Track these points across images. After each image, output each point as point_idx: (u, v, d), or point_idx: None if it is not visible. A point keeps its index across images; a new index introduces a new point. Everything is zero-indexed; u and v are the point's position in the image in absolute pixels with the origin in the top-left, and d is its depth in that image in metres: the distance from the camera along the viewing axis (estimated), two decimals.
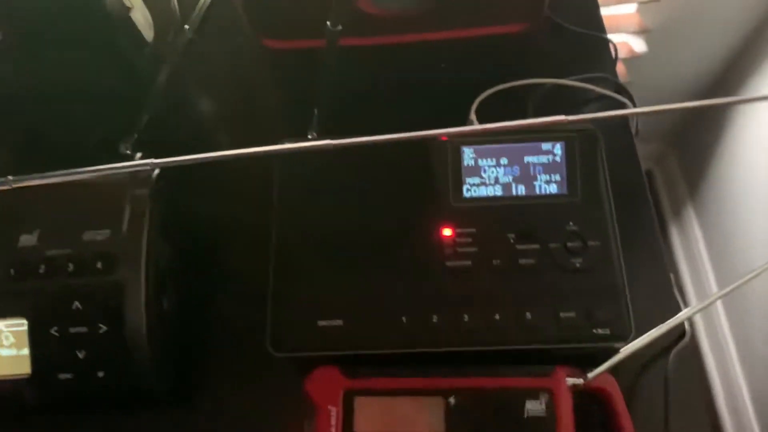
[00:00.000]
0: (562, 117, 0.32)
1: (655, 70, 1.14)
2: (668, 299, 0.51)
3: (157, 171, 0.48)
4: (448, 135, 0.46)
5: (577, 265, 0.44)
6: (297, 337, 0.43)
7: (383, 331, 0.43)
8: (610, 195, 0.46)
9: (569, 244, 0.44)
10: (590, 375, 0.42)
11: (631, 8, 1.03)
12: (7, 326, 0.45)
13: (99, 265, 0.45)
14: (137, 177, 0.48)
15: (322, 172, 0.47)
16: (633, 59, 1.09)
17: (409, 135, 0.33)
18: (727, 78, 1.19)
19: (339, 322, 0.43)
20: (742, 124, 1.17)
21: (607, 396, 0.43)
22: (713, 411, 1.24)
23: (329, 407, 0.41)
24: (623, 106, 0.59)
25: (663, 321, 0.46)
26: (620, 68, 1.03)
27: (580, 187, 0.46)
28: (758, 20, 1.07)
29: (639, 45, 1.10)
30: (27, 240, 0.46)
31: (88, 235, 0.45)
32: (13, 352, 0.45)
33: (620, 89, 0.58)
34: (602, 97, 0.58)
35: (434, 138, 0.47)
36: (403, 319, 0.43)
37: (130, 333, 0.44)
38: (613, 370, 0.44)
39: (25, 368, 0.44)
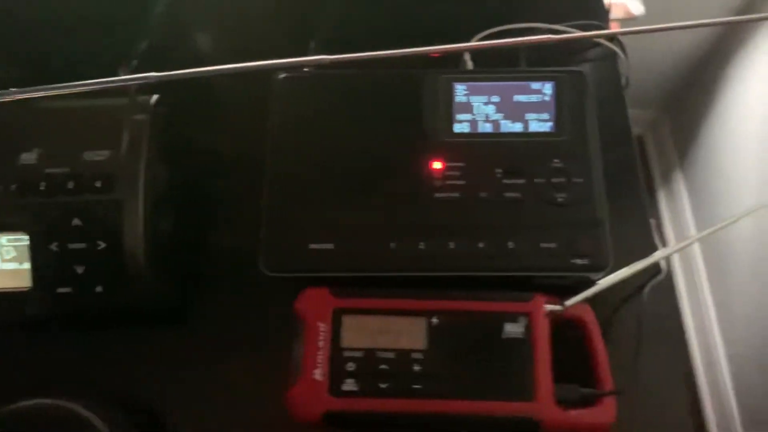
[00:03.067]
0: (548, 36, 0.34)
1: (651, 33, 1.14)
2: (647, 242, 0.53)
3: (156, 97, 0.50)
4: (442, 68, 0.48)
5: (560, 199, 0.46)
6: (289, 258, 0.45)
7: (372, 256, 0.45)
8: (597, 135, 0.48)
9: (554, 180, 0.46)
10: (567, 303, 0.45)
11: None
12: (9, 240, 0.47)
13: (98, 183, 0.46)
14: (137, 102, 0.49)
15: (316, 101, 0.49)
16: (629, 21, 1.10)
17: (405, 51, 0.34)
18: (725, 43, 1.19)
19: (330, 246, 0.45)
20: (734, 93, 1.18)
21: (582, 324, 0.45)
22: (685, 348, 1.29)
23: (318, 324, 0.43)
24: (615, 54, 0.60)
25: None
26: (615, 28, 1.04)
27: (568, 126, 0.47)
28: None
29: (636, 7, 1.10)
30: (27, 158, 0.47)
31: (88, 155, 0.47)
32: (14, 265, 0.47)
33: (613, 39, 0.59)
34: (594, 46, 0.59)
35: (428, 73, 0.48)
36: (392, 244, 0.45)
37: (128, 249, 0.45)
38: (591, 303, 0.46)
39: (25, 282, 0.46)
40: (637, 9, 1.10)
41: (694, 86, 1.31)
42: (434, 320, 0.44)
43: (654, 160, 1.50)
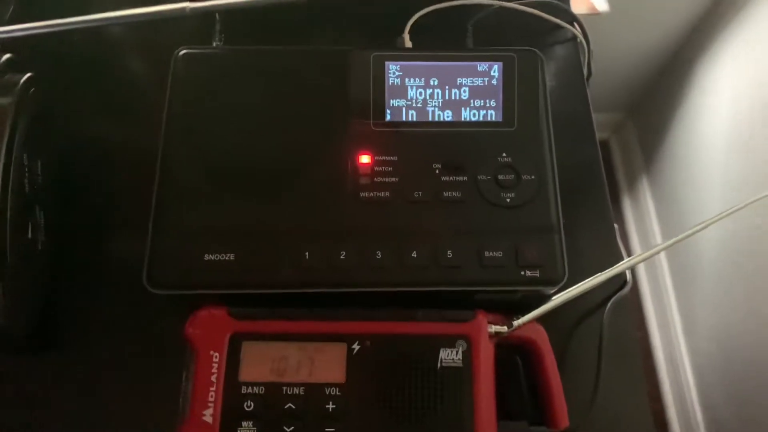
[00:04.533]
0: None
1: (616, 31, 1.09)
2: (611, 249, 0.47)
3: (26, 76, 0.41)
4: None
5: (508, 200, 0.39)
6: (179, 271, 0.37)
7: (281, 268, 0.37)
8: (551, 126, 0.41)
9: (500, 177, 0.39)
10: (516, 322, 0.37)
11: None
12: None
13: None
14: (2, 82, 0.40)
15: (222, 82, 0.40)
16: (594, 17, 1.04)
17: None
18: (690, 44, 1.15)
19: (230, 256, 0.37)
20: (700, 95, 1.14)
21: (533, 347, 0.38)
22: (651, 366, 1.24)
23: (211, 352, 0.35)
24: (575, 39, 0.53)
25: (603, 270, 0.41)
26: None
27: (517, 116, 0.40)
28: None
29: (601, 3, 1.05)
30: None
31: None
32: None
33: (573, 19, 0.53)
34: (553, 28, 0.53)
35: (355, 50, 0.41)
36: (306, 254, 0.37)
37: None
38: (545, 322, 0.39)
39: None
40: (602, 5, 1.05)
41: (660, 88, 1.27)
42: (355, 347, 0.36)
43: (619, 164, 1.45)
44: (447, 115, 0.40)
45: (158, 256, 0.37)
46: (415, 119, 0.40)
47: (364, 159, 0.39)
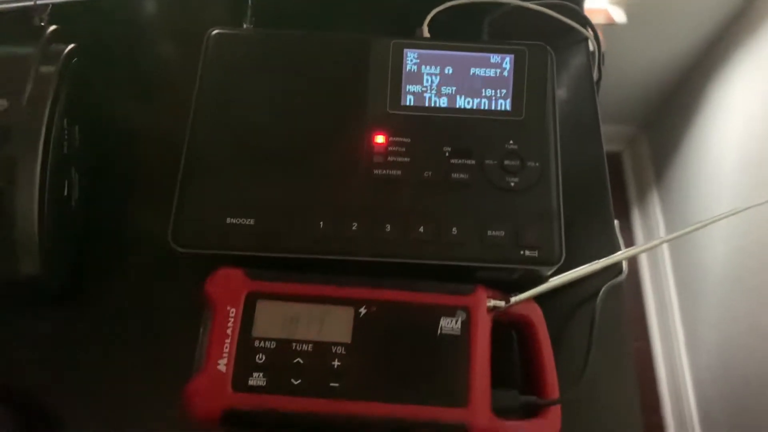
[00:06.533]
0: None
1: (632, 42, 1.12)
2: (611, 243, 0.49)
3: (71, 46, 0.44)
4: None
5: (512, 184, 0.41)
6: (202, 233, 0.40)
7: (297, 235, 0.40)
8: (556, 118, 0.43)
9: (506, 163, 0.41)
10: (513, 299, 0.40)
11: None
12: None
13: None
14: (48, 52, 0.44)
15: (249, 62, 0.43)
16: (611, 28, 1.07)
17: None
18: (706, 60, 1.17)
19: (250, 221, 0.40)
20: (713, 112, 1.15)
21: (529, 324, 0.40)
22: (652, 378, 1.25)
23: (228, 308, 0.38)
24: (586, 41, 0.56)
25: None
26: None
27: (525, 106, 0.43)
28: (740, 3, 1.05)
29: (618, 15, 1.07)
30: None
31: None
32: None
33: (586, 22, 0.55)
34: (568, 31, 0.55)
35: (376, 37, 0.44)
36: (321, 223, 0.40)
37: (20, 215, 0.40)
38: (542, 306, 0.41)
39: None
40: (619, 17, 1.08)
41: (675, 103, 1.29)
42: (362, 311, 0.38)
43: (630, 178, 1.47)
44: (459, 103, 0.43)
45: (183, 217, 0.40)
46: (429, 105, 0.43)
47: (379, 139, 0.42)
